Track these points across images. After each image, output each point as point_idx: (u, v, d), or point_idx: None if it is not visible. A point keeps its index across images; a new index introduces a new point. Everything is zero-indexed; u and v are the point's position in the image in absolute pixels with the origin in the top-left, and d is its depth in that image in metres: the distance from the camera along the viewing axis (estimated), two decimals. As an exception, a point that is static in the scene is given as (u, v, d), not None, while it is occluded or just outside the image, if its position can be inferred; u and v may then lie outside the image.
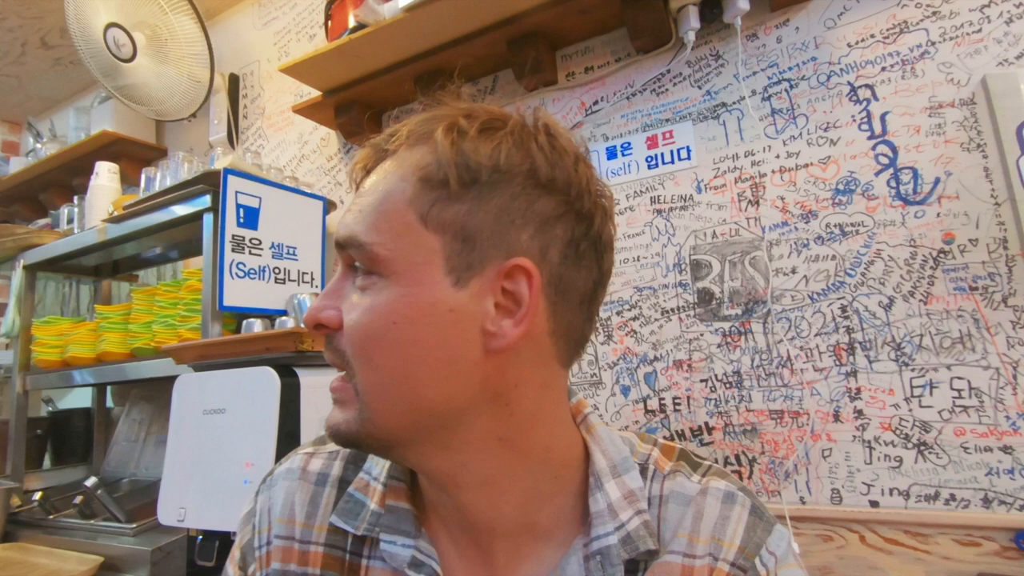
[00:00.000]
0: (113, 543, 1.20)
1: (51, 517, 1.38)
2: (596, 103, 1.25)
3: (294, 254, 1.34)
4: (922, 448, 0.91)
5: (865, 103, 1.00)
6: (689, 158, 1.14)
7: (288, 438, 0.89)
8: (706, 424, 1.07)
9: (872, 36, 1.01)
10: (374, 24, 1.24)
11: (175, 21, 1.67)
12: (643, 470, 0.45)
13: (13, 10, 1.90)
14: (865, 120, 1.00)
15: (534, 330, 0.40)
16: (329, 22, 1.41)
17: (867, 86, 1.00)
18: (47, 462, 1.91)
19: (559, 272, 0.40)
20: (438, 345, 0.38)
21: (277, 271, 1.30)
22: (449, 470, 0.41)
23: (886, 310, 0.96)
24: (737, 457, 1.04)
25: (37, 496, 1.43)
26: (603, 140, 1.23)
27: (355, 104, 1.48)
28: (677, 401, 1.10)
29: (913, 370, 0.93)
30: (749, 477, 1.03)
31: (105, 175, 1.70)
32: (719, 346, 1.07)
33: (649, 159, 1.18)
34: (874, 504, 0.93)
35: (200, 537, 0.97)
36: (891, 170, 0.97)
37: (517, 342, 0.39)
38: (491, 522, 0.43)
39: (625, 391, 1.15)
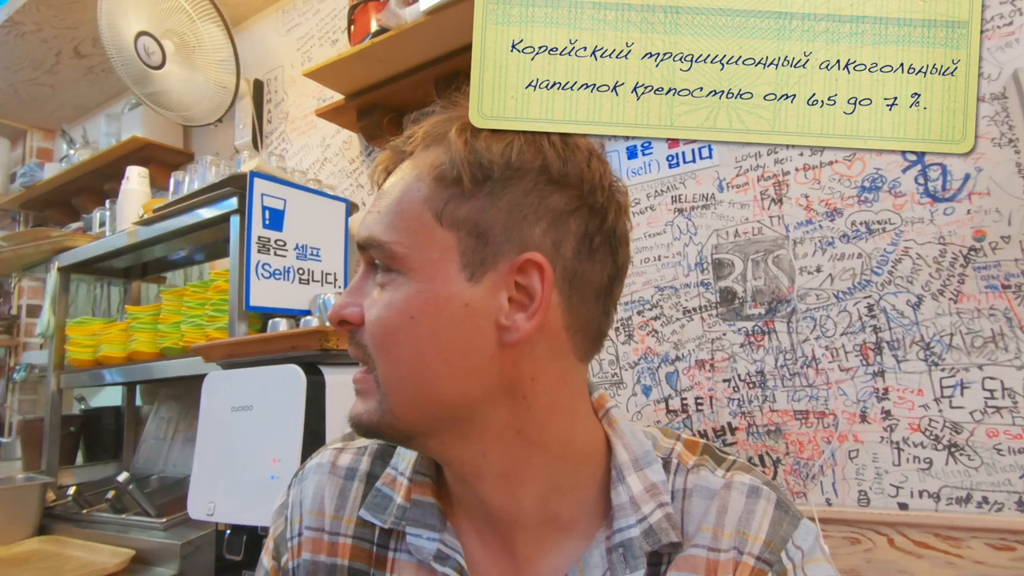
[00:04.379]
0: (144, 537, 1.23)
1: (84, 511, 1.42)
2: (616, 103, 1.25)
3: (318, 255, 1.37)
4: (953, 450, 0.89)
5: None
6: (711, 157, 1.14)
7: (313, 435, 0.90)
8: (729, 424, 1.06)
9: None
10: (396, 28, 1.25)
11: (202, 28, 1.71)
12: (666, 464, 0.46)
13: (48, 21, 1.96)
14: (892, 116, 0.99)
15: (549, 324, 0.40)
16: (352, 27, 1.44)
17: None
18: (80, 458, 1.96)
19: (573, 267, 0.41)
20: (454, 339, 0.39)
21: (301, 272, 1.32)
22: (470, 460, 0.42)
23: (914, 309, 0.94)
24: (761, 458, 1.03)
25: (71, 491, 1.47)
26: (623, 140, 1.23)
27: (376, 107, 1.50)
28: (699, 401, 1.09)
29: (943, 370, 0.91)
30: (773, 478, 1.01)
31: (136, 179, 1.75)
32: (742, 346, 1.06)
33: (670, 158, 1.18)
34: (903, 506, 0.92)
35: (228, 531, 0.99)
36: (919, 166, 0.96)
37: (531, 336, 0.39)
38: (512, 514, 0.43)
39: (646, 391, 1.15)
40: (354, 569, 0.47)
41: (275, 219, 1.28)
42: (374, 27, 1.33)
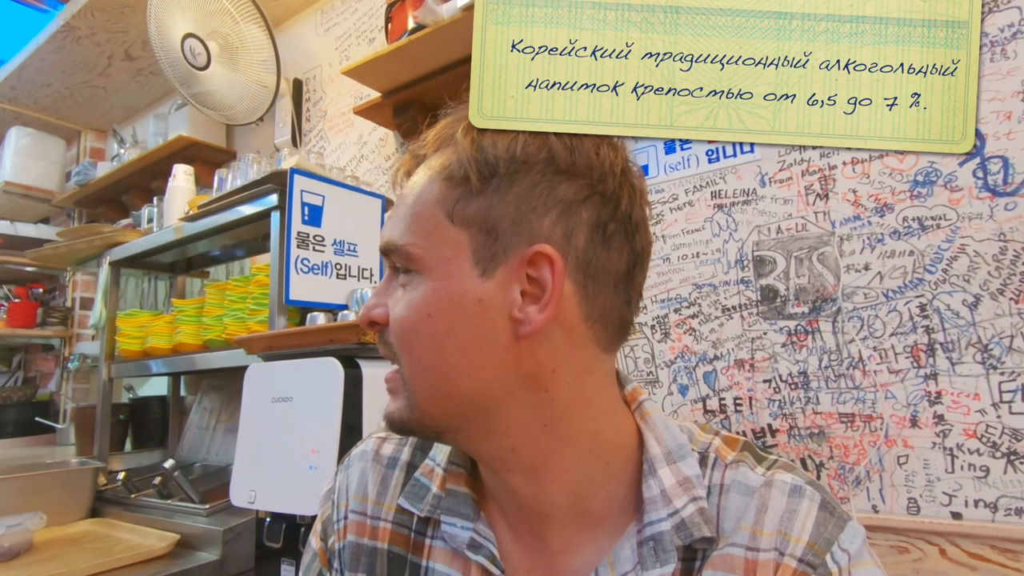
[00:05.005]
0: (188, 522, 1.28)
1: (133, 496, 1.48)
2: (654, 97, 1.23)
3: (355, 250, 1.39)
4: (1012, 458, 0.84)
5: (948, 89, 0.94)
6: (752, 151, 1.11)
7: (350, 426, 0.91)
8: (769, 426, 1.04)
9: (956, 17, 0.95)
10: (433, 25, 1.26)
11: (245, 30, 1.75)
12: (703, 459, 0.45)
13: (102, 26, 2.05)
14: (948, 107, 0.94)
15: (564, 315, 0.40)
16: (389, 24, 1.45)
17: (950, 70, 0.94)
18: (128, 445, 2.05)
19: (587, 256, 0.41)
20: (470, 334, 0.40)
21: (339, 267, 1.35)
22: (499, 454, 0.43)
23: (971, 309, 0.89)
24: (803, 461, 1.00)
25: (120, 476, 1.54)
26: (661, 134, 1.21)
27: (412, 104, 1.51)
28: (738, 401, 1.07)
29: (1003, 373, 0.86)
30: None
31: (181, 177, 1.81)
32: (784, 345, 1.03)
33: (709, 152, 1.15)
34: (956, 516, 0.87)
35: (268, 519, 1.02)
36: (977, 159, 0.91)
37: (545, 327, 0.40)
38: (543, 507, 0.44)
39: (683, 390, 1.13)
40: (392, 553, 0.49)
41: (314, 215, 1.31)
42: (411, 24, 1.34)
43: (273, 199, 1.32)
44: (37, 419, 2.33)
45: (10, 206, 2.73)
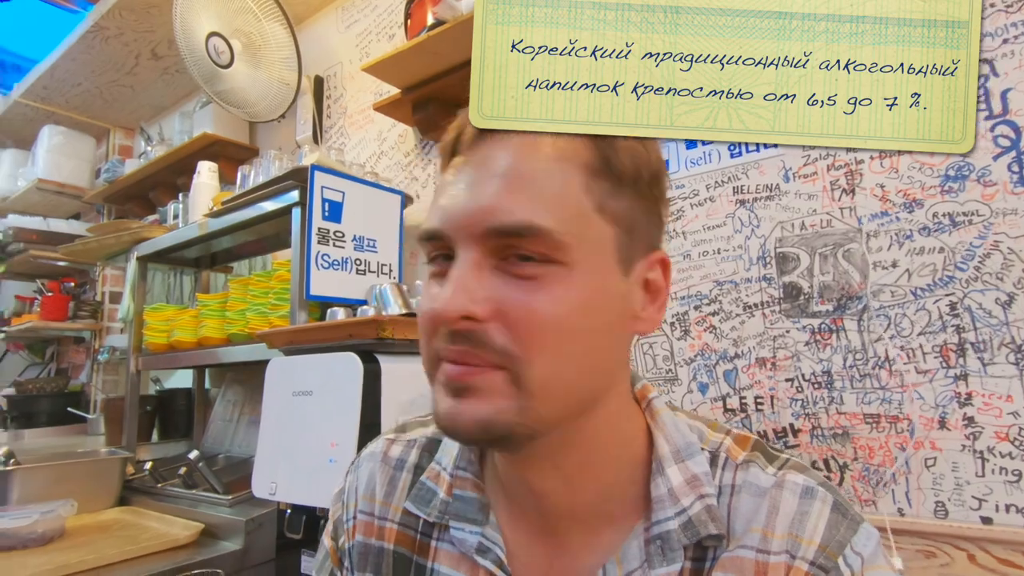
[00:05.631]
0: (212, 512, 1.31)
1: (159, 485, 1.52)
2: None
3: (374, 246, 1.40)
4: (1047, 462, 0.82)
5: (983, 79, 0.91)
6: (775, 145, 1.08)
7: (369, 420, 0.92)
8: (791, 426, 1.02)
9: (992, 5, 0.91)
10: (452, 20, 1.26)
11: (268, 28, 1.78)
12: (713, 458, 0.44)
13: (129, 26, 2.09)
14: (983, 98, 0.91)
15: None
16: (409, 21, 1.45)
17: (985, 60, 0.91)
18: (155, 436, 2.10)
19: None
20: (610, 331, 0.40)
21: (359, 262, 1.36)
22: (548, 455, 0.42)
23: (1004, 308, 0.86)
24: (826, 462, 0.98)
25: (147, 466, 1.58)
26: (682, 129, 1.19)
27: (431, 101, 1.52)
28: (759, 400, 1.05)
29: (1037, 375, 0.83)
30: (840, 484, 0.96)
31: (206, 174, 1.85)
32: (807, 344, 1.01)
33: (732, 147, 1.13)
34: (986, 520, 0.85)
35: (289, 511, 1.03)
36: (1013, 153, 0.88)
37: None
38: (560, 507, 0.44)
39: (703, 388, 1.11)
40: (398, 554, 0.49)
41: (334, 211, 1.32)
42: (430, 20, 1.34)
43: (294, 195, 1.34)
44: (69, 409, 2.41)
45: (43, 203, 2.81)
